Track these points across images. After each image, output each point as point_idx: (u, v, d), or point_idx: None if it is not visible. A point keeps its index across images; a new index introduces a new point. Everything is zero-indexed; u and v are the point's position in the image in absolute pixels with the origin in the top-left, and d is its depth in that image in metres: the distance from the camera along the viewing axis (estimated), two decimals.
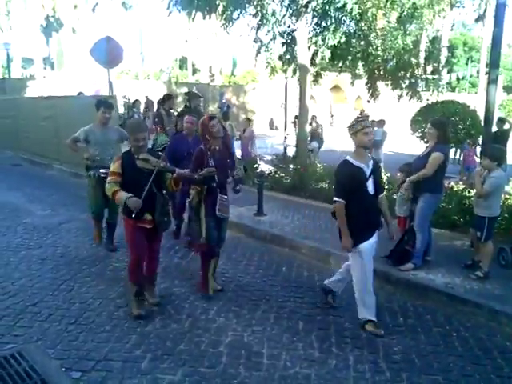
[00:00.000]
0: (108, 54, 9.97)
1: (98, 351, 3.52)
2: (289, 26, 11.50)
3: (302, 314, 4.24)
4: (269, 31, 11.13)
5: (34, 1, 27.81)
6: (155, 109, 11.85)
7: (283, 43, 11.96)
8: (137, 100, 15.47)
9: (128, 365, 3.36)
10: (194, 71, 42.73)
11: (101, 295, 4.51)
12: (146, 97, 17.71)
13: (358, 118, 4.06)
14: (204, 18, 11.37)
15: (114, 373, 3.26)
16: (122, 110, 15.58)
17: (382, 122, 12.58)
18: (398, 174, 6.08)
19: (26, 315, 4.07)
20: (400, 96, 12.65)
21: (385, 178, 7.68)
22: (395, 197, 6.75)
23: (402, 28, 11.27)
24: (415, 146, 9.92)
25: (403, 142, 15.80)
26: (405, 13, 10.76)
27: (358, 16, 10.34)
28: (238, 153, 11.60)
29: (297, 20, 10.74)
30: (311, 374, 3.30)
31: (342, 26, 10.85)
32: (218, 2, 10.52)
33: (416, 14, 10.89)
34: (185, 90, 24.48)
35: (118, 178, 3.93)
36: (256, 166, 10.21)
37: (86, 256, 5.62)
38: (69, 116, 11.56)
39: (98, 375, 3.23)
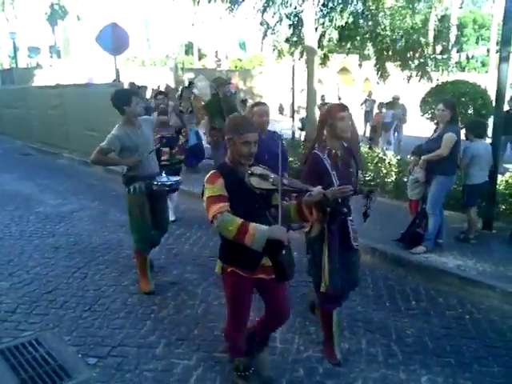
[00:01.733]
0: (114, 40, 9.91)
1: (113, 337, 3.58)
2: (295, 8, 11.36)
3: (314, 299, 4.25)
4: (275, 13, 11.04)
5: None
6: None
7: (290, 25, 11.84)
8: (143, 86, 13.28)
9: (143, 350, 3.41)
10: (200, 56, 42.49)
11: (114, 282, 4.56)
12: (167, 85, 15.01)
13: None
14: (209, 2, 11.25)
15: (130, 358, 3.31)
16: None
17: (391, 104, 12.45)
18: (409, 157, 6.04)
19: (41, 303, 4.13)
20: (409, 77, 12.51)
21: (395, 160, 7.63)
22: (405, 180, 6.73)
23: (410, 7, 11.11)
24: (425, 128, 9.81)
25: (413, 123, 15.64)
26: None
27: None
28: None
29: (303, 1, 10.60)
30: (324, 357, 3.32)
31: (349, 6, 10.71)
32: None
33: None
34: (191, 75, 24.42)
35: (227, 203, 2.55)
36: None
37: (99, 244, 5.67)
38: (77, 104, 11.59)
39: (113, 361, 3.28)
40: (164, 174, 4.49)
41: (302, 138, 12.25)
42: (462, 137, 5.24)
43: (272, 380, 3.06)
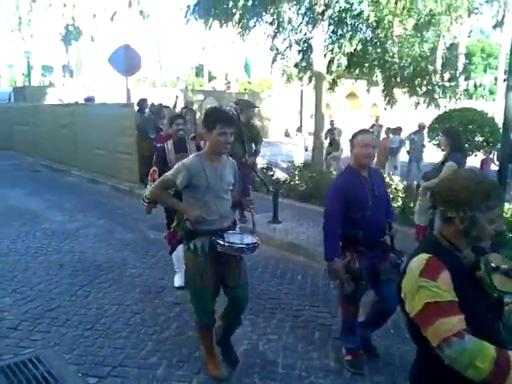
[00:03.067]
0: (126, 62, 10.12)
1: (114, 357, 3.55)
2: (305, 34, 11.57)
3: (318, 323, 4.21)
4: (285, 39, 11.23)
5: (55, 10, 28.35)
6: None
7: (299, 51, 12.03)
8: (144, 99, 10.84)
9: (143, 371, 3.37)
10: (210, 78, 43.08)
11: (117, 301, 4.55)
12: (177, 97, 12.38)
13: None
14: (221, 27, 11.48)
15: (130, 379, 3.28)
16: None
17: (398, 130, 12.51)
18: (415, 182, 6.04)
19: (44, 320, 4.12)
20: (417, 103, 12.59)
21: (401, 185, 7.63)
22: (412, 205, 6.72)
23: (418, 35, 11.26)
24: (433, 154, 9.83)
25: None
26: (422, 20, 10.73)
27: (374, 23, 10.37)
28: None
29: (313, 28, 10.80)
30: None
31: (358, 33, 10.89)
32: (234, 11, 10.63)
33: (433, 20, 10.87)
34: (201, 97, 24.71)
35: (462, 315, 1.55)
36: (271, 173, 10.23)
37: (103, 262, 5.67)
38: (87, 123, 11.75)
39: (113, 381, 3.25)
40: (238, 229, 3.42)
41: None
42: (471, 163, 5.23)
43: None
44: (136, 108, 10.47)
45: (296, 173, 9.78)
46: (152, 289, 4.87)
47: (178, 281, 4.91)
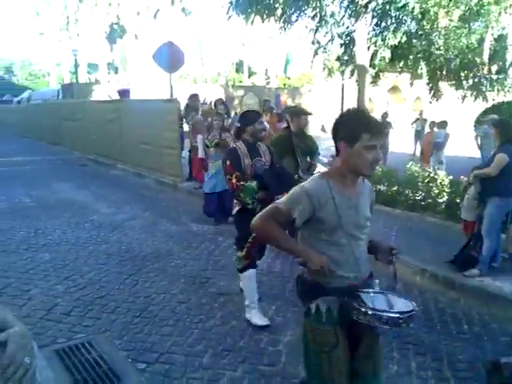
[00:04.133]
0: (170, 58, 10.30)
1: (162, 344, 3.65)
2: (347, 27, 11.44)
3: None
4: (327, 32, 11.13)
5: (100, 9, 29.17)
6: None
7: (341, 44, 11.91)
8: (195, 95, 10.30)
9: (190, 359, 3.46)
10: (250, 74, 43.17)
11: (164, 290, 4.67)
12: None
13: None
14: (263, 22, 11.49)
15: (177, 366, 3.36)
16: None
17: (443, 124, 12.16)
18: (462, 177, 5.88)
19: (94, 307, 4.29)
20: (464, 96, 12.23)
21: (447, 180, 7.44)
22: (458, 200, 6.54)
23: (466, 26, 10.92)
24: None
25: (467, 144, 15.20)
26: (469, 10, 10.39)
27: (419, 15, 10.13)
28: None
29: (356, 21, 10.66)
30: None
31: (402, 25, 10.67)
32: (276, 5, 10.62)
33: (482, 11, 10.49)
34: (241, 92, 24.86)
35: None
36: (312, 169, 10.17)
37: (149, 253, 5.83)
38: (132, 119, 12.06)
39: (161, 367, 3.35)
40: (377, 284, 2.19)
41: None
42: None
43: None
44: (182, 104, 10.54)
45: None
46: (196, 279, 4.97)
47: (261, 318, 4.01)
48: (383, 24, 10.80)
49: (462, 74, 11.84)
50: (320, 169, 5.30)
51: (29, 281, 4.84)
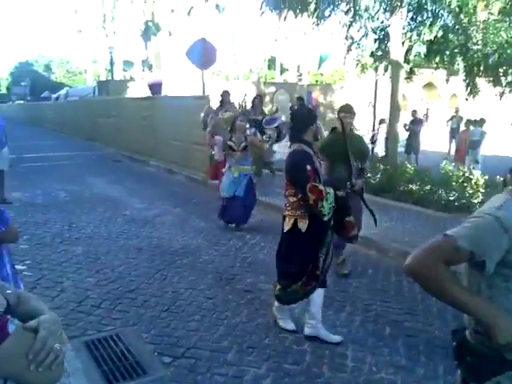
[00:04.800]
0: (203, 55, 10.37)
1: (188, 339, 3.70)
2: (382, 22, 11.20)
3: (389, 319, 4.12)
4: (361, 27, 10.93)
5: (136, 7, 29.64)
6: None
7: (375, 39, 11.68)
8: (226, 91, 9.75)
9: (215, 354, 3.49)
10: (282, 71, 43.01)
11: (191, 286, 4.72)
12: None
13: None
14: (296, 17, 11.40)
15: (203, 361, 3.40)
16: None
17: (480, 121, 11.81)
18: (498, 176, 5.70)
19: (123, 300, 4.38)
20: (502, 93, 11.82)
21: (482, 180, 7.23)
22: None
23: (506, 20, 10.51)
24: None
25: (504, 143, 14.72)
26: (510, 3, 10.02)
27: (456, 8, 9.83)
28: None
29: (391, 15, 10.41)
30: (397, 380, 3.21)
31: (439, 19, 10.37)
32: (309, 0, 10.52)
33: None
34: (272, 89, 24.79)
35: None
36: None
37: (178, 248, 5.91)
38: (165, 115, 12.22)
39: (187, 362, 3.39)
40: None
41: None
42: None
43: None
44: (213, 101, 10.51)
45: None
46: (224, 275, 5.01)
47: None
48: (419, 18, 10.53)
49: (501, 70, 11.42)
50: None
51: (62, 273, 4.99)
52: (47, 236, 6.30)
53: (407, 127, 13.43)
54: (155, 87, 15.01)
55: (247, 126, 8.20)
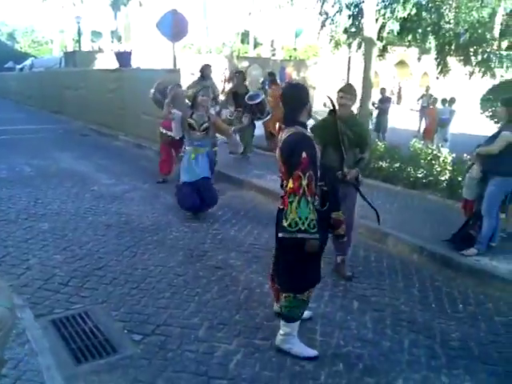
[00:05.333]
0: (174, 27, 10.09)
1: (158, 316, 3.68)
2: None
3: (357, 294, 4.21)
4: (335, 3, 10.89)
5: None
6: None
7: (349, 16, 11.66)
8: (207, 65, 9.32)
9: (186, 331, 3.49)
10: (256, 45, 42.44)
11: (161, 263, 4.69)
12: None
13: None
14: None
15: (173, 338, 3.40)
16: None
17: (450, 100, 11.97)
18: (465, 155, 5.82)
19: (92, 278, 4.31)
20: (472, 73, 12.01)
21: (450, 158, 7.37)
22: (460, 179, 6.49)
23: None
24: (485, 126, 9.40)
25: (472, 121, 15.02)
26: None
27: None
28: None
29: None
30: (364, 353, 3.29)
31: None
32: None
33: None
34: (246, 64, 24.47)
35: None
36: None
37: (148, 225, 5.84)
38: (134, 88, 11.90)
39: (157, 339, 3.38)
40: None
41: None
42: None
43: None
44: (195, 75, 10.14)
45: None
46: (194, 252, 4.99)
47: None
48: None
49: (471, 50, 11.60)
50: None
51: (27, 250, 4.86)
52: (12, 212, 6.12)
53: (376, 105, 13.49)
54: (123, 57, 14.43)
55: (213, 103, 8.01)
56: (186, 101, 7.60)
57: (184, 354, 3.21)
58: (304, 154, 2.91)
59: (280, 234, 3.03)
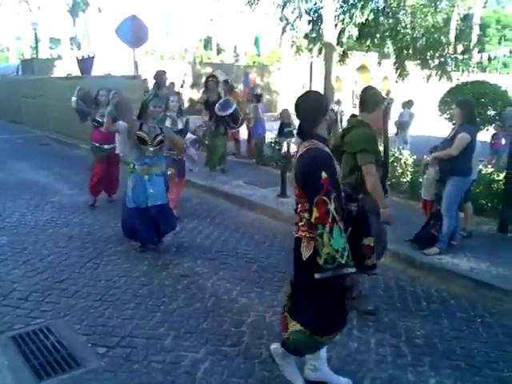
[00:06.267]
0: (133, 33, 10.00)
1: (123, 328, 3.60)
2: (315, 3, 11.35)
3: None
4: (295, 9, 11.02)
5: None
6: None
7: (309, 21, 11.82)
8: (162, 71, 9.24)
9: (152, 342, 3.42)
10: (219, 51, 42.48)
11: (126, 273, 4.59)
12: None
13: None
14: None
15: (138, 349, 3.33)
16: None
17: (409, 103, 12.28)
18: (425, 156, 5.97)
19: (53, 291, 4.18)
20: (429, 76, 12.38)
21: (411, 160, 7.55)
22: (421, 180, 6.65)
23: (432, 5, 10.97)
24: (443, 128, 9.68)
25: (431, 123, 15.45)
26: None
27: None
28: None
29: None
30: (332, 356, 3.30)
31: (370, 2, 10.64)
32: None
33: None
34: (209, 70, 24.44)
35: None
36: (279, 147, 10.10)
37: (112, 235, 5.71)
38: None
39: (122, 351, 3.30)
40: None
41: None
42: (482, 137, 5.12)
43: None
44: (151, 82, 9.94)
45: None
46: (159, 261, 4.91)
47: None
48: (351, 1, 10.75)
49: (428, 54, 11.95)
50: None
51: None
52: None
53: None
54: (86, 63, 14.10)
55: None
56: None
57: (150, 365, 3.15)
58: (324, 174, 2.47)
59: (317, 276, 2.46)
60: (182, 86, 9.87)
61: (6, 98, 19.33)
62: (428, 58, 12.14)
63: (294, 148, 9.94)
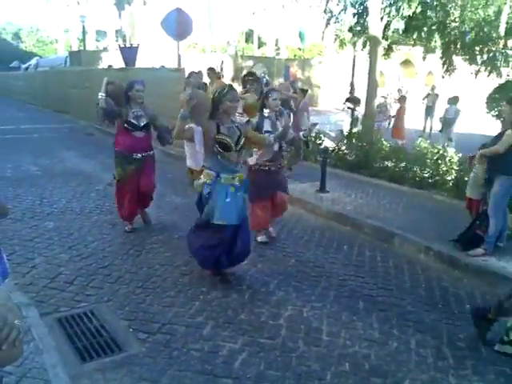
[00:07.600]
0: (178, 26, 10.09)
1: (163, 315, 3.68)
2: None
3: (363, 294, 4.18)
4: (340, 1, 10.81)
5: None
6: None
7: (354, 14, 11.59)
8: (193, 72, 9.06)
9: (191, 330, 3.48)
10: (260, 44, 42.37)
11: (167, 262, 4.68)
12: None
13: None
14: None
15: (178, 337, 3.39)
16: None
17: (455, 99, 11.90)
18: (470, 155, 5.77)
19: (97, 276, 4.31)
20: (477, 72, 11.92)
21: (456, 158, 7.33)
22: (466, 178, 6.45)
23: None
24: (490, 126, 9.34)
25: (478, 121, 14.93)
26: None
27: None
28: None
29: None
30: (371, 354, 3.26)
31: None
32: None
33: None
34: (250, 63, 24.47)
35: None
36: (320, 141, 10.01)
37: (154, 224, 5.83)
38: None
39: (162, 338, 3.37)
40: None
41: None
42: None
43: None
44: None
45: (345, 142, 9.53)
46: None
47: None
48: None
49: (477, 48, 11.51)
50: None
51: (33, 249, 4.87)
52: (18, 211, 6.13)
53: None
54: (129, 52, 14.22)
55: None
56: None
57: (189, 353, 3.20)
58: None
59: None
60: (219, 78, 9.76)
61: (54, 88, 20.00)
62: (477, 52, 11.71)
63: (329, 144, 9.81)
